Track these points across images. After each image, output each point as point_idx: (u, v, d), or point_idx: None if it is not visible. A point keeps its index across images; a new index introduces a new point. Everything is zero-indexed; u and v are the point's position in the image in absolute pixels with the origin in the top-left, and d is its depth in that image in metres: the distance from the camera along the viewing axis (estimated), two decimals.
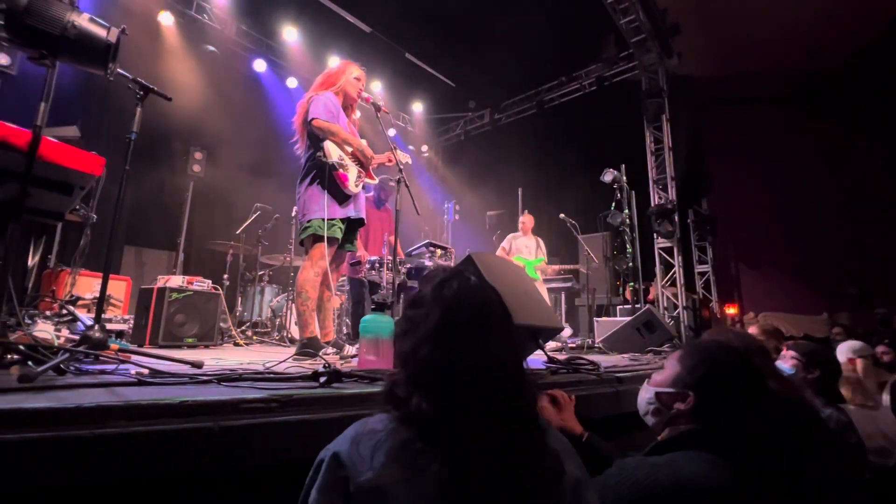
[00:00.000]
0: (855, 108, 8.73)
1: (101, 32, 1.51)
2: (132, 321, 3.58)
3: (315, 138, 2.60)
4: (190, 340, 3.40)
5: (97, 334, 1.57)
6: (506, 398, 0.73)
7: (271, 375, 1.43)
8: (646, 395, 1.17)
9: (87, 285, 3.71)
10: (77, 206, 2.89)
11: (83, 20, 1.46)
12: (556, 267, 6.35)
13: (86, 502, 0.89)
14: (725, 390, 1.04)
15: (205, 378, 1.31)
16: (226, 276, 5.15)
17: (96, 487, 0.88)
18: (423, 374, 0.74)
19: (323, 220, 2.48)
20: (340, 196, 2.58)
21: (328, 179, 2.52)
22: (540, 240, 5.95)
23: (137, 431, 0.91)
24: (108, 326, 3.46)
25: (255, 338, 4.49)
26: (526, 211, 6.12)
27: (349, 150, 2.67)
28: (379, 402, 0.79)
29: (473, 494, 0.67)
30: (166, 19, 6.11)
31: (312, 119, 2.54)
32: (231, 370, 1.49)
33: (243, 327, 4.79)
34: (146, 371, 1.42)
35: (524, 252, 5.75)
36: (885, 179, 8.24)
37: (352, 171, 2.62)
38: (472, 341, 0.74)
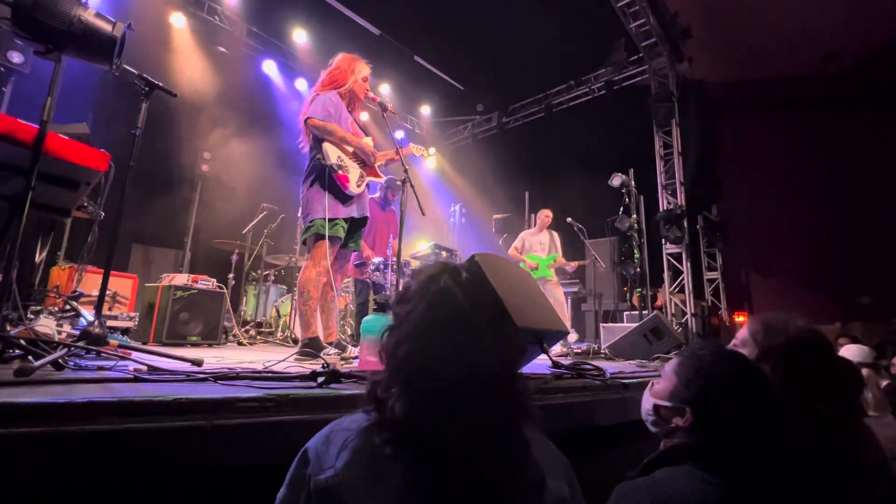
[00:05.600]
0: (870, 113, 8.58)
1: (106, 27, 1.51)
2: (138, 318, 3.59)
3: (316, 139, 2.60)
4: (194, 339, 3.40)
5: (97, 330, 1.56)
6: (488, 406, 0.67)
7: (269, 375, 1.41)
8: (646, 405, 1.13)
9: (94, 282, 3.73)
10: (85, 203, 2.91)
11: (89, 15, 1.46)
12: (575, 263, 5.88)
13: (74, 500, 0.87)
14: (723, 406, 0.96)
15: (201, 376, 1.29)
16: (231, 276, 5.16)
17: (85, 485, 0.86)
18: (401, 374, 0.70)
19: (325, 220, 2.47)
20: (342, 196, 2.57)
21: (328, 181, 2.52)
22: (555, 234, 5.65)
23: (129, 428, 0.89)
24: (115, 323, 3.49)
25: (258, 337, 4.49)
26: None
27: (350, 149, 2.65)
28: (363, 402, 0.75)
29: None
30: (177, 20, 6.18)
31: (308, 118, 2.54)
32: (229, 369, 1.47)
33: (247, 327, 4.80)
34: (144, 368, 1.41)
35: (537, 249, 5.51)
36: None
37: (353, 172, 2.61)
38: (455, 341, 0.68)
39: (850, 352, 2.62)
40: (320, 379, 1.32)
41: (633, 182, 6.23)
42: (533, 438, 0.73)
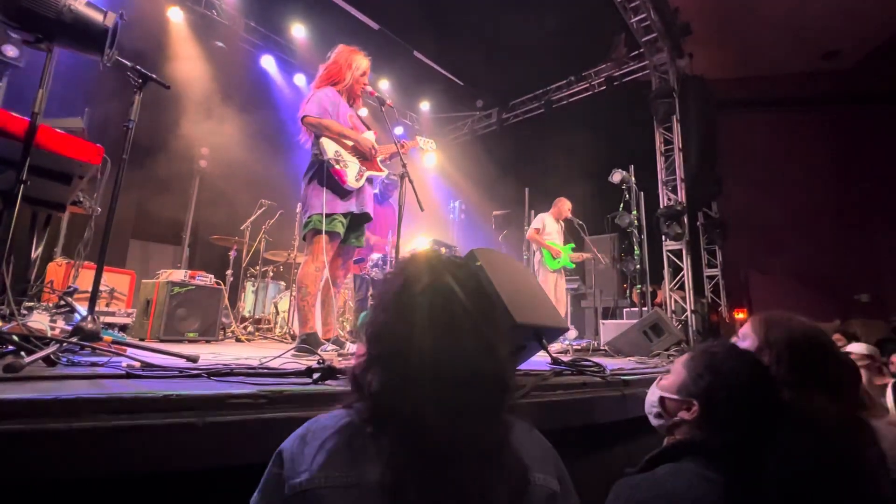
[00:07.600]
0: (871, 110, 8.56)
1: (97, 17, 1.48)
2: (135, 315, 3.56)
3: (315, 135, 2.59)
4: (191, 335, 3.38)
5: (90, 325, 1.54)
6: (467, 381, 0.64)
7: (263, 371, 1.39)
8: (652, 397, 1.13)
9: (91, 278, 3.70)
10: (81, 199, 2.88)
11: (80, 4, 1.43)
12: (585, 255, 5.68)
13: (61, 499, 0.85)
14: (732, 402, 0.96)
15: (195, 372, 1.27)
16: (229, 272, 5.13)
17: (71, 484, 0.84)
18: (375, 346, 0.69)
19: (322, 215, 2.45)
20: (340, 191, 2.55)
21: (326, 176, 2.51)
22: (562, 224, 5.48)
23: (117, 426, 0.87)
24: (112, 320, 3.46)
25: (257, 334, 4.47)
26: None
27: (349, 143, 2.62)
28: (346, 395, 0.73)
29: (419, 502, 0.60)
30: (175, 15, 6.13)
31: (303, 116, 2.55)
32: (224, 365, 1.45)
33: (245, 323, 4.78)
34: (138, 364, 1.39)
35: (555, 236, 5.32)
36: None
37: (351, 167, 2.58)
38: (432, 312, 0.67)
39: (855, 349, 2.61)
40: (316, 375, 1.30)
41: (633, 178, 6.20)
42: (518, 428, 0.71)
